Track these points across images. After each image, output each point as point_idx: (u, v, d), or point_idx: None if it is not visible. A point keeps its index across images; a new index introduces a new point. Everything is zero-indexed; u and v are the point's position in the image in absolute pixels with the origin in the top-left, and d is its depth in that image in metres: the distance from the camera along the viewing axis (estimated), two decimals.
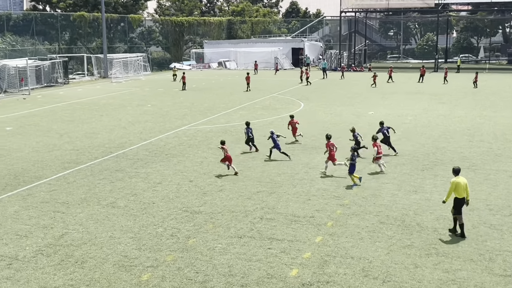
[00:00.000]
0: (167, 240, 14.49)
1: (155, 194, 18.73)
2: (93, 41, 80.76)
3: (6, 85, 51.76)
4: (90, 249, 13.95)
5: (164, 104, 41.72)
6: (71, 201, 17.94)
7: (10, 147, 26.43)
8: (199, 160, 23.59)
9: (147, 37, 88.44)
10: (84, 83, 61.38)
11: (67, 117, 35.72)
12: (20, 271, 12.67)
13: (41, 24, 74.40)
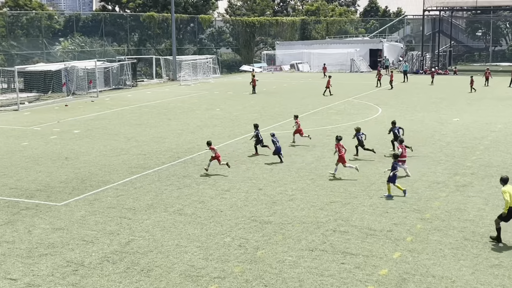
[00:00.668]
0: (235, 251, 14.63)
1: (223, 202, 18.96)
2: (162, 43, 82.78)
3: (75, 87, 53.83)
4: (156, 257, 14.28)
5: (234, 108, 42.19)
6: (137, 207, 18.43)
7: (78, 151, 27.45)
8: (269, 167, 23.69)
9: (217, 38, 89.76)
10: (153, 86, 62.96)
11: (134, 121, 36.74)
12: (86, 278, 13.12)
13: (110, 25, 76.96)
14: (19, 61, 62.94)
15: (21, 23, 69.99)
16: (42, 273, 13.39)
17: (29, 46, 66.61)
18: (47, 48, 66.90)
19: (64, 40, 72.22)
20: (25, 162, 25.13)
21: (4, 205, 18.82)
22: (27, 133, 32.74)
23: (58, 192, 20.27)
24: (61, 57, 66.94)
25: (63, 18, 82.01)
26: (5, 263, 13.98)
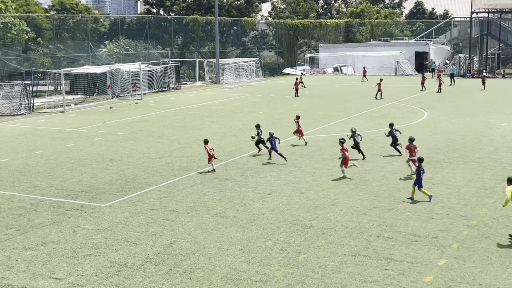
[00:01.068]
0: (277, 255, 14.63)
1: (264, 205, 18.99)
2: (206, 45, 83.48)
3: (119, 89, 54.73)
4: (198, 259, 14.39)
5: (276, 111, 42.23)
6: (180, 209, 18.62)
7: (122, 153, 27.89)
8: (312, 171, 23.62)
9: (260, 41, 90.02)
10: (196, 89, 63.52)
11: (178, 123, 37.13)
12: (129, 279, 13.31)
13: (154, 28, 78.02)
14: (65, 63, 64.31)
15: (67, 26, 71.58)
16: (86, 273, 13.65)
17: (75, 49, 68.01)
18: (92, 51, 68.21)
19: (109, 43, 73.53)
20: (71, 163, 25.67)
21: (50, 205, 19.26)
22: (73, 134, 33.43)
23: (102, 193, 20.64)
24: (106, 59, 68.15)
25: (109, 21, 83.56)
26: (50, 262, 14.30)
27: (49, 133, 34.10)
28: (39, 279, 13.33)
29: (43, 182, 22.40)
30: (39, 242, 15.71)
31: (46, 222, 17.49)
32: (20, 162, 26.00)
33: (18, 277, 13.45)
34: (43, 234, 16.35)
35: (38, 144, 30.60)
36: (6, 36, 59.10)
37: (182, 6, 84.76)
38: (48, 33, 69.06)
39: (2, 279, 13.30)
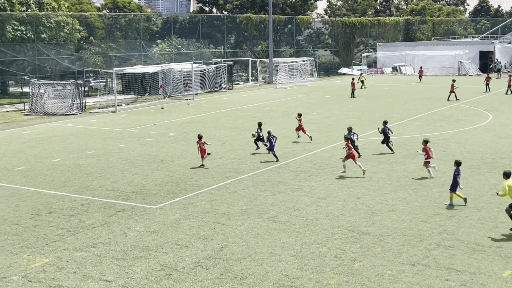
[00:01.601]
0: (331, 262, 14.54)
1: (318, 210, 18.91)
2: (259, 44, 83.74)
3: (171, 89, 55.46)
4: (249, 264, 14.44)
5: (331, 113, 42.00)
6: (231, 212, 18.72)
7: (173, 154, 28.25)
8: (368, 175, 23.38)
9: (315, 40, 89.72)
10: (248, 89, 63.79)
11: (229, 124, 37.37)
12: (179, 283, 13.46)
13: (207, 27, 78.75)
14: (117, 63, 65.62)
15: (119, 25, 72.99)
16: (136, 276, 13.87)
17: (127, 48, 69.31)
18: (144, 50, 69.36)
19: (161, 42, 74.63)
20: (122, 164, 26.16)
21: (100, 206, 19.67)
22: (124, 135, 34.06)
23: (153, 195, 20.94)
24: (158, 59, 69.20)
25: (161, 20, 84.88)
26: (100, 264, 14.60)
27: (100, 133, 34.85)
28: (89, 281, 13.62)
29: (94, 182, 22.90)
30: (89, 244, 16.06)
31: (97, 223, 17.87)
32: (72, 162, 26.65)
33: (69, 278, 13.78)
34: (93, 235, 16.71)
35: (90, 144, 31.30)
36: (59, 35, 60.71)
37: (236, 4, 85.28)
38: (100, 32, 70.60)
39: (53, 280, 13.65)
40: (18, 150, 29.64)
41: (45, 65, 59.76)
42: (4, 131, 36.54)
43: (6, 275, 13.95)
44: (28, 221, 18.12)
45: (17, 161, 27.10)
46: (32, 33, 56.69)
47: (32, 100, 45.52)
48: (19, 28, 55.72)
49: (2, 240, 16.43)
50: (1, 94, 60.03)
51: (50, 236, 16.69)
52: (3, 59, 55.41)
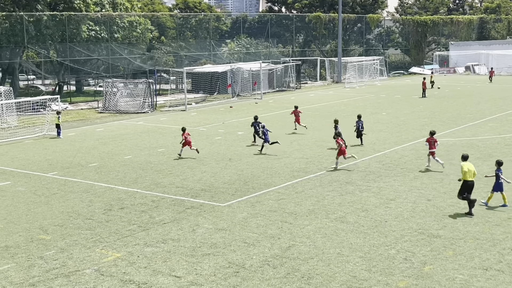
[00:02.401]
0: (400, 264, 14.31)
1: (387, 211, 18.65)
2: (328, 44, 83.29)
3: (240, 88, 55.87)
4: (317, 264, 14.38)
5: (401, 113, 41.33)
6: (299, 212, 18.70)
7: (241, 152, 28.46)
8: (439, 177, 22.89)
9: (385, 39, 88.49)
10: (316, 88, 63.55)
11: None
12: (247, 280, 13.55)
13: (275, 26, 78.92)
14: (187, 62, 66.63)
15: (190, 25, 74.05)
16: (204, 272, 14.05)
17: (197, 48, 70.27)
18: (214, 50, 70.15)
19: (230, 41, 75.30)
20: (191, 162, 26.54)
21: (170, 203, 20.03)
22: (194, 133, 34.44)
23: (221, 193, 21.16)
24: (227, 58, 69.85)
25: (230, 19, 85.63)
26: (170, 260, 14.86)
27: (171, 131, 35.47)
28: (159, 276, 13.89)
29: (165, 179, 23.33)
30: (159, 239, 16.37)
31: (167, 219, 18.20)
32: (143, 159, 27.24)
33: (139, 273, 14.09)
34: (163, 232, 17.03)
35: (160, 142, 31.92)
36: (131, 34, 62.16)
37: (304, 3, 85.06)
38: (171, 32, 71.85)
39: (124, 275, 13.99)
40: (92, 147, 30.52)
41: (118, 64, 61.34)
42: (78, 128, 37.71)
43: (80, 268, 14.40)
44: (101, 216, 18.64)
45: (91, 158, 27.92)
46: (106, 33, 58.28)
47: (106, 99, 46.79)
48: (93, 28, 57.41)
49: (76, 234, 16.97)
50: (76, 92, 61.98)
51: (122, 231, 17.11)
52: (78, 58, 57.20)
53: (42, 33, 53.81)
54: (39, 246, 15.98)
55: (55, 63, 60.19)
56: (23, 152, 29.63)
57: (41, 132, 35.00)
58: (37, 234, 16.98)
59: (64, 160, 27.55)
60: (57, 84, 60.33)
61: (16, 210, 19.45)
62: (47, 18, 53.41)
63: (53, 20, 54.23)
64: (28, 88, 61.62)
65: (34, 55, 62.83)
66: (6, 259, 15.09)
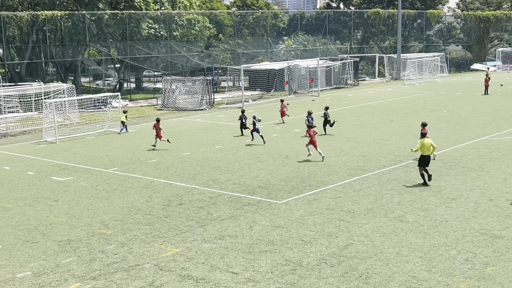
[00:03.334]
0: (461, 265, 14.00)
1: (448, 211, 18.27)
2: (386, 40, 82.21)
3: (296, 86, 55.75)
4: (375, 264, 14.22)
5: (462, 110, 40.44)
6: (356, 210, 18.53)
7: (298, 150, 28.38)
8: (502, 176, 22.29)
9: (446, 35, 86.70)
10: (375, 85, 62.82)
11: (355, 121, 36.99)
12: (304, 278, 13.51)
13: (333, 23, 78.40)
14: (244, 59, 66.88)
15: (247, 22, 74.32)
16: (261, 269, 14.09)
17: (254, 45, 70.46)
18: (271, 47, 70.19)
19: (287, 38, 75.20)
20: (248, 159, 26.64)
21: (228, 199, 20.16)
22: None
23: (278, 190, 21.17)
24: (284, 55, 69.78)
25: (287, 16, 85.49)
26: (227, 256, 14.96)
27: (228, 128, 35.71)
28: (216, 272, 14.01)
29: (222, 176, 23.50)
30: (217, 235, 16.51)
31: (224, 216, 18.33)
32: (201, 156, 27.51)
33: (197, 268, 14.24)
34: (221, 228, 17.16)
35: (218, 138, 32.16)
36: (190, 32, 62.82)
37: (363, 0, 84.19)
38: (229, 29, 72.28)
39: (183, 270, 14.16)
40: (151, 144, 31.00)
41: (176, 62, 62.09)
42: (138, 125, 38.39)
43: (139, 263, 14.65)
44: (160, 212, 18.93)
45: (150, 154, 28.38)
46: (165, 31, 59.07)
47: (164, 96, 47.46)
48: (153, 26, 58.26)
49: (136, 229, 17.28)
50: (136, 89, 63.10)
51: (180, 227, 17.33)
52: (138, 56, 58.18)
53: (103, 31, 54.96)
54: (100, 241, 16.35)
55: (116, 61, 61.40)
56: (85, 148, 30.36)
57: (102, 128, 35.79)
58: (98, 229, 17.37)
59: (124, 156, 28.09)
60: (117, 81, 61.57)
61: (78, 205, 19.95)
62: (108, 16, 54.52)
63: (113, 19, 55.31)
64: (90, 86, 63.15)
65: (96, 53, 64.25)
66: (68, 252, 15.50)
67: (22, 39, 56.43)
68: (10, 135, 35.39)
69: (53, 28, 55.06)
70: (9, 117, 39.74)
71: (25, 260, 15.07)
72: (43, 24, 52.45)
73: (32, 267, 14.55)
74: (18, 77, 53.35)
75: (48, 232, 17.20)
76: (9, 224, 18.03)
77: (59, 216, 18.77)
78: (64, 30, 55.06)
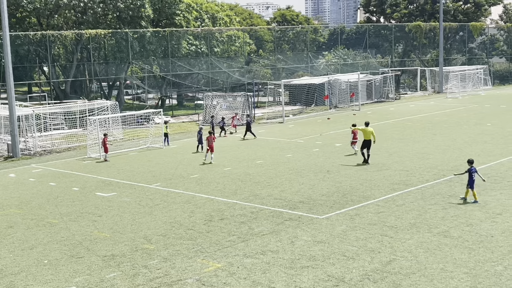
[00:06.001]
0: (508, 281, 13.69)
1: (494, 226, 17.91)
2: (428, 53, 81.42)
3: (337, 100, 55.56)
4: (419, 280, 14.01)
5: (507, 124, 39.68)
6: (399, 225, 18.31)
7: (339, 164, 28.25)
8: None
9: (489, 47, 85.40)
10: (416, 99, 62.17)
11: (397, 135, 36.64)
12: None
13: (374, 36, 78.05)
14: (284, 74, 67.03)
15: (287, 38, 74.57)
16: (303, 285, 14.01)
17: (294, 60, 70.60)
18: (311, 62, 70.22)
19: (327, 53, 75.13)
20: (289, 174, 26.61)
21: (269, 214, 20.16)
22: (291, 145, 34.64)
23: (319, 205, 21.07)
24: (324, 70, 69.70)
25: (328, 31, 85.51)
26: (269, 271, 14.93)
27: (268, 143, 35.76)
28: (258, 287, 13.98)
29: (263, 191, 23.52)
30: (259, 251, 16.50)
31: (266, 231, 18.32)
32: (242, 171, 27.59)
33: (239, 284, 14.25)
34: (262, 243, 17.15)
35: (259, 153, 32.22)
36: (230, 48, 63.32)
37: (404, 13, 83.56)
38: (269, 45, 72.62)
39: (225, 285, 14.19)
40: (193, 159, 31.25)
41: (217, 78, 62.61)
42: (180, 140, 38.74)
43: (182, 278, 14.74)
44: (202, 227, 19.03)
45: (192, 169, 28.59)
46: (206, 47, 59.68)
47: (206, 111, 47.81)
48: (194, 43, 58.93)
49: (178, 244, 17.40)
50: (177, 105, 63.78)
51: (222, 242, 17.38)
52: (179, 73, 58.88)
53: (146, 48, 55.86)
54: (143, 256, 16.50)
55: (158, 78, 62.28)
56: (128, 164, 30.78)
57: (144, 144, 36.24)
58: (142, 244, 17.55)
59: (166, 171, 28.37)
60: (159, 98, 62.34)
61: (121, 220, 20.20)
62: (150, 34, 55.40)
63: (155, 36, 56.18)
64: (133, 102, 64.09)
65: (138, 70, 65.30)
66: (112, 267, 15.69)
67: (67, 58, 57.78)
68: (56, 151, 36.11)
69: (96, 46, 56.18)
70: (54, 133, 40.60)
71: (70, 275, 15.30)
72: (87, 43, 53.61)
73: (77, 282, 14.76)
74: (63, 94, 54.60)
75: (93, 247, 17.46)
76: (55, 239, 18.36)
77: (103, 231, 19.04)
78: (108, 48, 56.13)
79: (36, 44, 53.38)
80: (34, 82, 64.83)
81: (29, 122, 37.58)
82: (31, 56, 57.81)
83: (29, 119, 37.57)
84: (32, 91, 66.02)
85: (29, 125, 37.71)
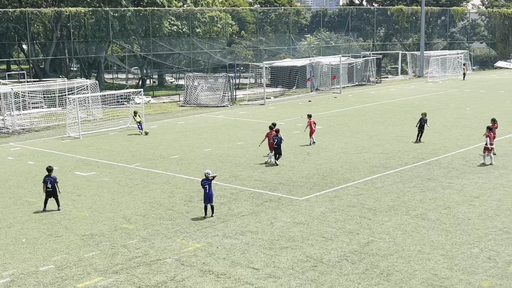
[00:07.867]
0: (484, 263, 13.90)
1: (471, 209, 18.14)
2: (409, 37, 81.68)
3: (318, 83, 55.61)
4: (396, 261, 14.17)
5: (486, 108, 40.04)
6: (378, 208, 18.47)
7: (319, 147, 28.34)
8: None
9: (470, 32, 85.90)
10: (397, 82, 62.45)
11: (377, 118, 36.81)
12: (325, 275, 13.51)
13: (356, 20, 78.07)
14: (266, 56, 66.83)
15: (269, 19, 74.26)
16: (282, 265, 14.11)
17: (276, 42, 70.37)
18: (293, 44, 70.06)
19: (310, 35, 75.02)
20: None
21: (249, 195, 20.21)
22: None
23: (299, 187, 21.16)
24: (306, 52, 69.61)
25: (310, 13, 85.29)
26: (248, 252, 15.01)
27: (249, 124, 35.75)
28: (237, 267, 14.06)
29: (243, 172, 23.55)
30: (238, 231, 16.56)
31: (245, 212, 18.38)
32: (222, 152, 27.58)
33: (218, 264, 14.31)
34: (242, 224, 17.22)
35: (239, 135, 32.22)
36: (212, 29, 62.95)
37: None
38: (251, 26, 72.28)
39: (204, 265, 14.24)
40: (173, 140, 31.16)
41: (198, 59, 62.27)
42: (161, 121, 38.59)
43: (161, 258, 14.76)
44: (182, 207, 19.03)
45: (172, 150, 28.52)
46: (187, 27, 59.25)
47: (187, 92, 47.63)
48: (175, 23, 58.46)
49: (157, 224, 17.40)
50: (158, 86, 63.41)
51: (202, 223, 17.42)
52: (160, 53, 58.46)
53: (126, 28, 55.27)
54: (122, 235, 16.49)
55: (139, 58, 61.77)
56: (107, 144, 30.61)
57: (124, 124, 36.03)
58: (121, 223, 17.53)
59: (146, 152, 28.27)
60: (140, 78, 61.91)
61: (100, 200, 20.14)
62: (131, 13, 54.84)
63: (137, 16, 55.62)
64: (113, 82, 63.59)
65: (119, 50, 64.67)
66: (91, 246, 15.67)
67: (46, 36, 57.06)
68: (34, 130, 35.80)
69: (77, 25, 55.50)
70: (33, 112, 40.21)
71: (48, 253, 15.26)
72: (67, 21, 52.97)
73: (55, 261, 14.73)
74: (42, 73, 53.93)
75: (71, 226, 17.40)
76: (33, 218, 18.27)
77: (82, 210, 18.97)
78: (88, 27, 55.48)
79: (15, 21, 52.60)
80: (13, 60, 63.91)
81: (8, 100, 37.13)
82: (10, 34, 56.98)
83: (7, 97, 37.11)
84: (10, 69, 65.12)
85: (8, 103, 37.27)
